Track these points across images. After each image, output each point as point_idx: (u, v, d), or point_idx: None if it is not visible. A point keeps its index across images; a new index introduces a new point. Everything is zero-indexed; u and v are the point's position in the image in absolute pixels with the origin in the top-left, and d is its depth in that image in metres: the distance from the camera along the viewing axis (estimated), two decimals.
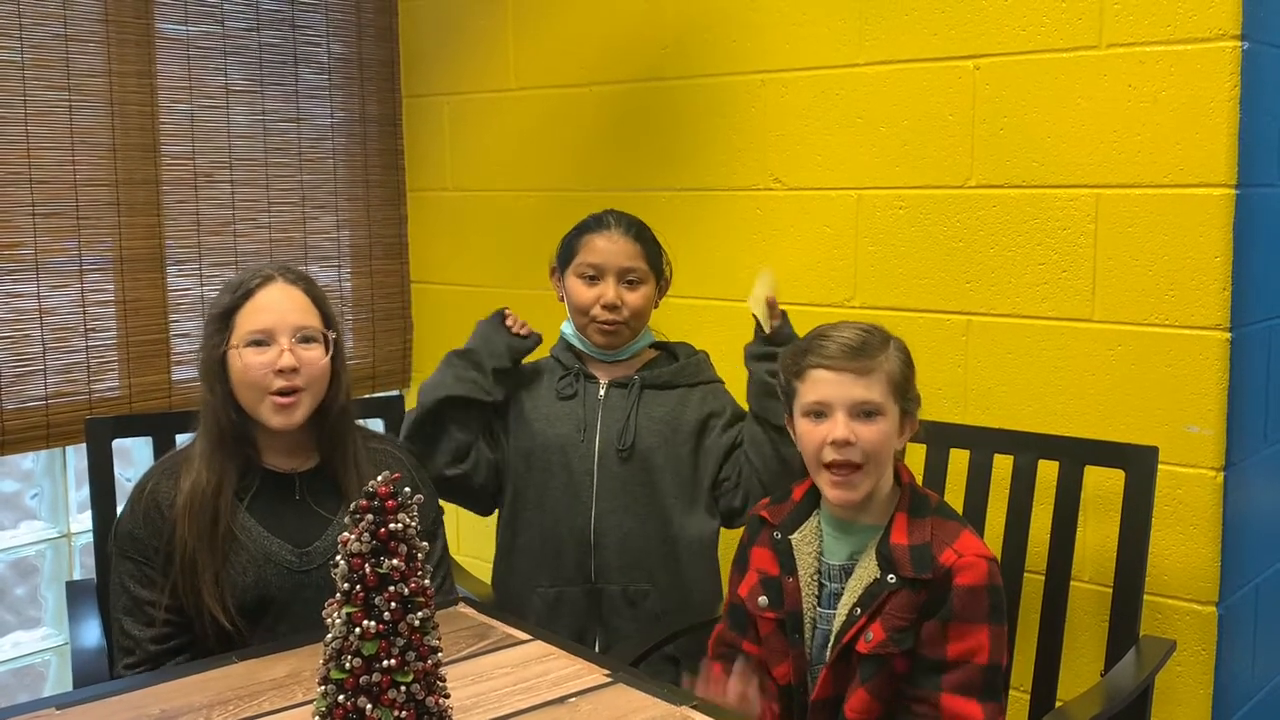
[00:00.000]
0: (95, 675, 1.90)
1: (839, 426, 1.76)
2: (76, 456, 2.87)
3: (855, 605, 1.76)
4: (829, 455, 1.77)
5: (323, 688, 1.38)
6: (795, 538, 1.86)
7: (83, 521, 2.85)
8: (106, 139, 2.78)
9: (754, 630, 1.90)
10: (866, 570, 1.78)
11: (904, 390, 1.81)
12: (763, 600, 1.86)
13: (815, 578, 1.83)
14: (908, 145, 2.44)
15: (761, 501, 1.99)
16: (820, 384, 1.79)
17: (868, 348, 1.78)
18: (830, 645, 1.79)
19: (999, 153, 2.32)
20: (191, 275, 2.96)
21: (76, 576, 2.87)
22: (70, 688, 1.92)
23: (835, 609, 1.80)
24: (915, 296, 2.46)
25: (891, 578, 1.74)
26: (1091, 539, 2.23)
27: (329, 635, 1.38)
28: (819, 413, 1.79)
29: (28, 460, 2.87)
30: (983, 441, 2.22)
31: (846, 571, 1.81)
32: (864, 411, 1.77)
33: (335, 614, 1.38)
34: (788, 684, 1.84)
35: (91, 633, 2.04)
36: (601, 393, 2.33)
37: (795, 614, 1.83)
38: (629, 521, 2.28)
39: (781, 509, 1.91)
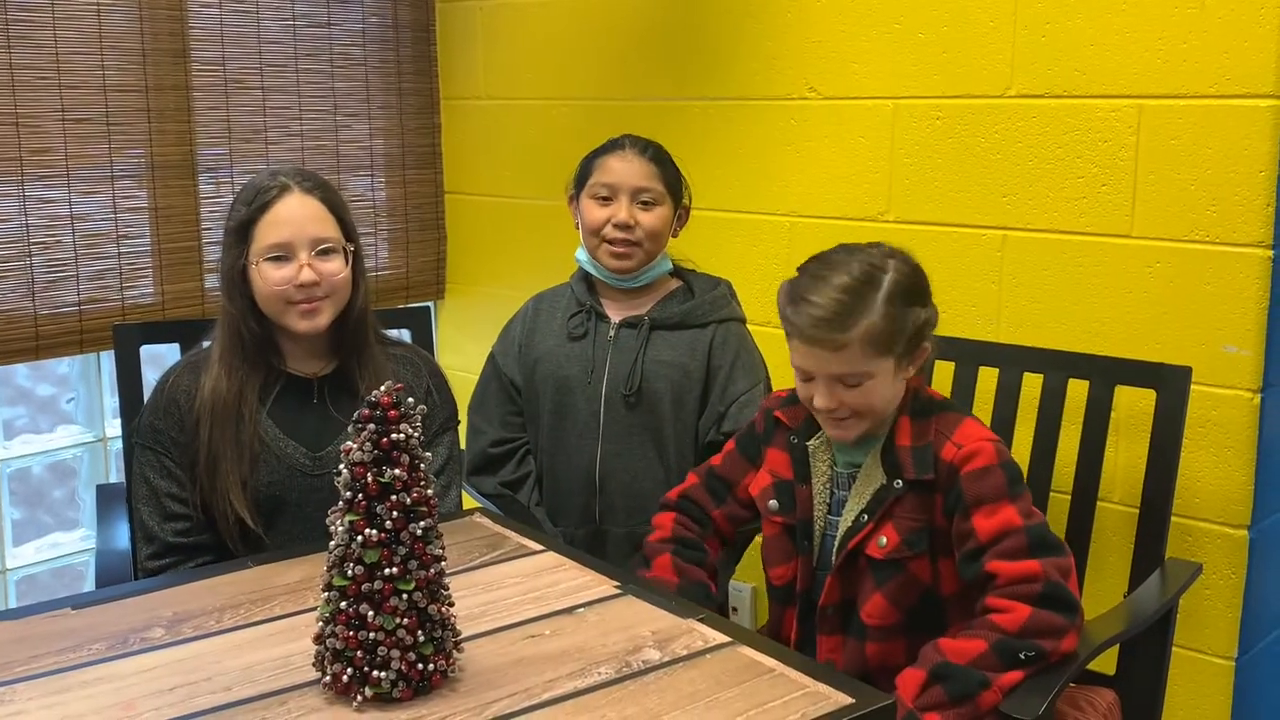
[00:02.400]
0: (119, 577, 1.93)
1: (822, 395, 1.71)
2: (110, 362, 2.90)
3: (863, 512, 1.75)
4: (820, 414, 1.75)
5: (326, 594, 1.38)
6: (812, 444, 1.83)
7: (118, 426, 2.89)
8: (136, 44, 2.76)
9: (733, 502, 1.92)
10: (873, 476, 1.75)
11: (892, 342, 1.69)
12: (773, 504, 1.85)
13: (828, 485, 1.82)
14: (946, 53, 2.36)
15: (775, 396, 1.96)
16: (799, 353, 1.73)
17: (840, 318, 1.67)
18: (835, 551, 1.78)
19: (1040, 61, 2.24)
20: (224, 183, 2.95)
21: (112, 480, 2.92)
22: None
23: (841, 515, 1.78)
24: (951, 210, 2.40)
25: (898, 483, 1.72)
26: (1122, 460, 2.19)
27: (332, 543, 1.38)
28: (806, 377, 1.74)
29: (64, 365, 2.91)
30: (1012, 360, 2.18)
31: (853, 478, 1.79)
32: (845, 383, 1.71)
33: (338, 522, 1.38)
34: (787, 585, 1.85)
35: (118, 535, 2.08)
36: (612, 333, 2.31)
37: (806, 521, 1.82)
38: (635, 465, 2.27)
39: (797, 412, 1.86)
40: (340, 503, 1.39)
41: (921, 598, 1.74)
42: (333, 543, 1.39)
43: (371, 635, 1.35)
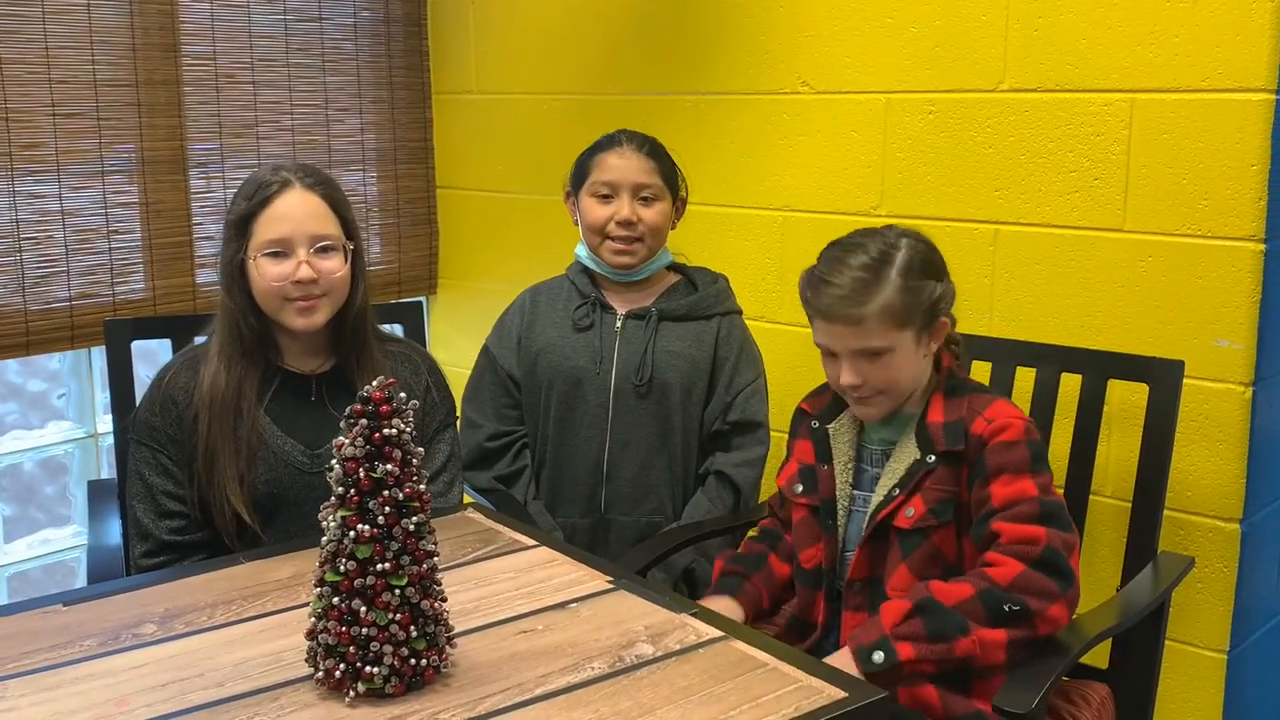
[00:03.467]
0: (111, 573, 1.92)
1: (845, 372, 1.78)
2: (102, 357, 2.89)
3: (895, 486, 1.78)
4: (846, 393, 1.81)
5: (318, 590, 1.38)
6: (832, 427, 1.90)
7: (110, 422, 2.88)
8: (126, 38, 2.75)
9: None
10: (906, 452, 1.79)
11: (909, 315, 1.76)
12: (798, 488, 1.91)
13: (852, 464, 1.86)
14: (939, 47, 2.36)
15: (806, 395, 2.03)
16: (821, 331, 1.80)
17: (856, 294, 1.74)
18: (865, 524, 1.81)
19: (1032, 55, 2.24)
20: (215, 178, 2.94)
21: (104, 476, 2.91)
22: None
23: (873, 490, 1.82)
24: (943, 205, 2.40)
25: (931, 457, 1.76)
26: (1115, 454, 2.19)
27: (324, 538, 1.38)
28: (830, 352, 1.81)
29: (54, 361, 2.90)
30: (1004, 354, 2.18)
31: (886, 455, 1.83)
32: (867, 355, 1.76)
33: (330, 517, 1.38)
34: (816, 567, 1.88)
35: (111, 532, 2.07)
36: (618, 324, 2.31)
37: (829, 501, 1.86)
38: (643, 454, 2.28)
39: (820, 400, 1.95)
40: (332, 498, 1.38)
41: (944, 573, 1.76)
42: (325, 538, 1.38)
43: (364, 631, 1.35)
